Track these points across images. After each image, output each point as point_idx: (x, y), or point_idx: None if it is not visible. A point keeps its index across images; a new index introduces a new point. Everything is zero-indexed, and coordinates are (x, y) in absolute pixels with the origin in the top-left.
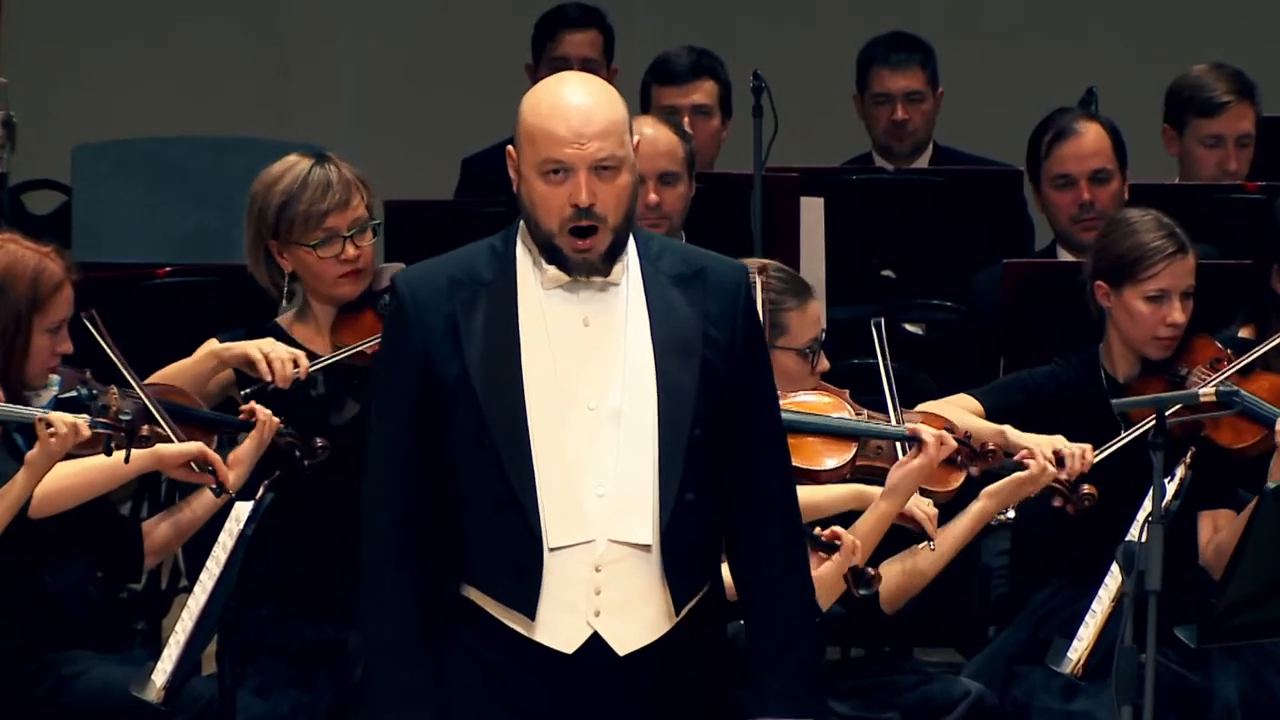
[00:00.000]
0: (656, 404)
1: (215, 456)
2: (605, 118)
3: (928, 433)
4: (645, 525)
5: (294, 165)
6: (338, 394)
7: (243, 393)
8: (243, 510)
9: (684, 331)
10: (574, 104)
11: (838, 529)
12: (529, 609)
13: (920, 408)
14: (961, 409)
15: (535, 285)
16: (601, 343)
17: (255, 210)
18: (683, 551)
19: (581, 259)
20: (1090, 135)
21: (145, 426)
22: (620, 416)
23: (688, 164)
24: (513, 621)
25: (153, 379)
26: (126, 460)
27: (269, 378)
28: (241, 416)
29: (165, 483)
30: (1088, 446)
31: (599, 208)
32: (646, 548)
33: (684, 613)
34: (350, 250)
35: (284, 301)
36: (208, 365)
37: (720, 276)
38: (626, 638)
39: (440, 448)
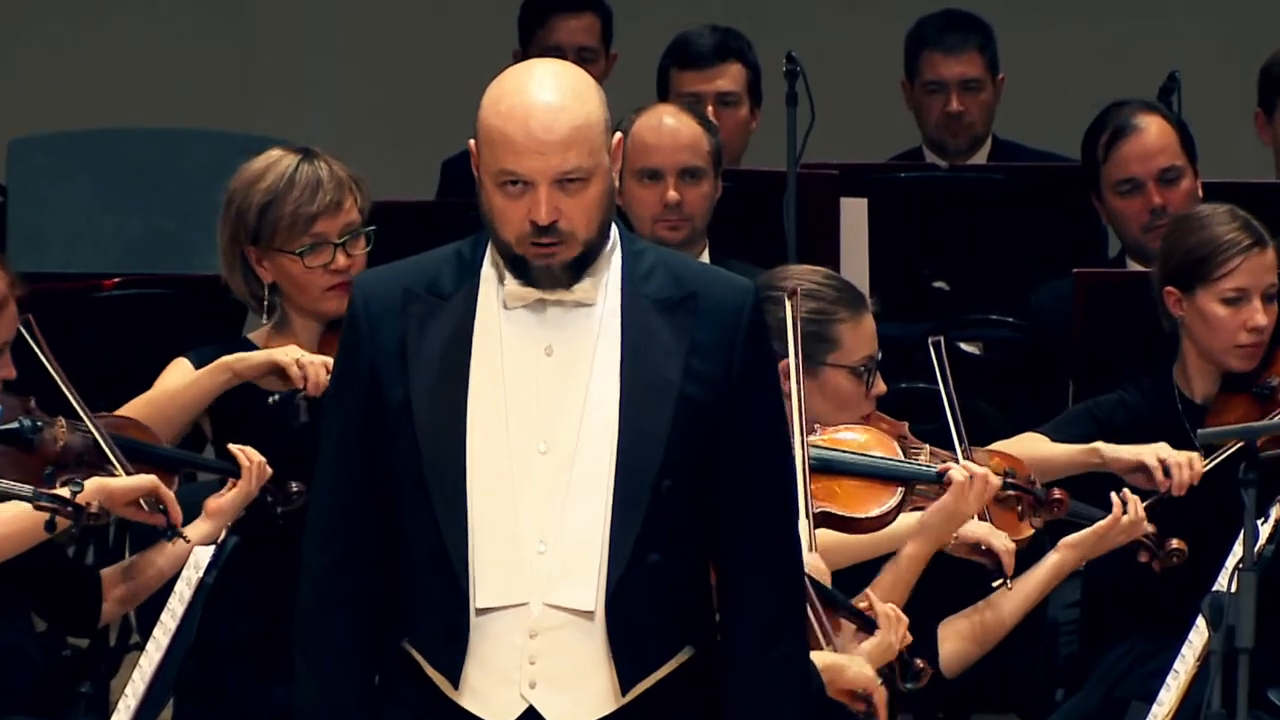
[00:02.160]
0: (615, 448)
1: (168, 492)
2: (571, 122)
3: (959, 472)
4: (588, 589)
5: (278, 161)
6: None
7: (271, 398)
8: (202, 556)
9: (660, 365)
10: (537, 104)
11: (873, 598)
12: (454, 675)
13: (992, 449)
14: (1033, 443)
15: (497, 303)
16: (563, 375)
17: (233, 211)
18: (635, 621)
19: (544, 265)
20: (1153, 130)
21: (95, 503)
22: (574, 461)
23: (713, 159)
24: (444, 686)
25: (139, 402)
26: (71, 530)
27: (302, 384)
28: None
29: (114, 523)
30: (1196, 455)
31: (563, 224)
32: (590, 615)
33: (638, 692)
34: (341, 259)
35: (264, 316)
36: (217, 380)
37: (717, 300)
38: (566, 715)
39: (388, 480)
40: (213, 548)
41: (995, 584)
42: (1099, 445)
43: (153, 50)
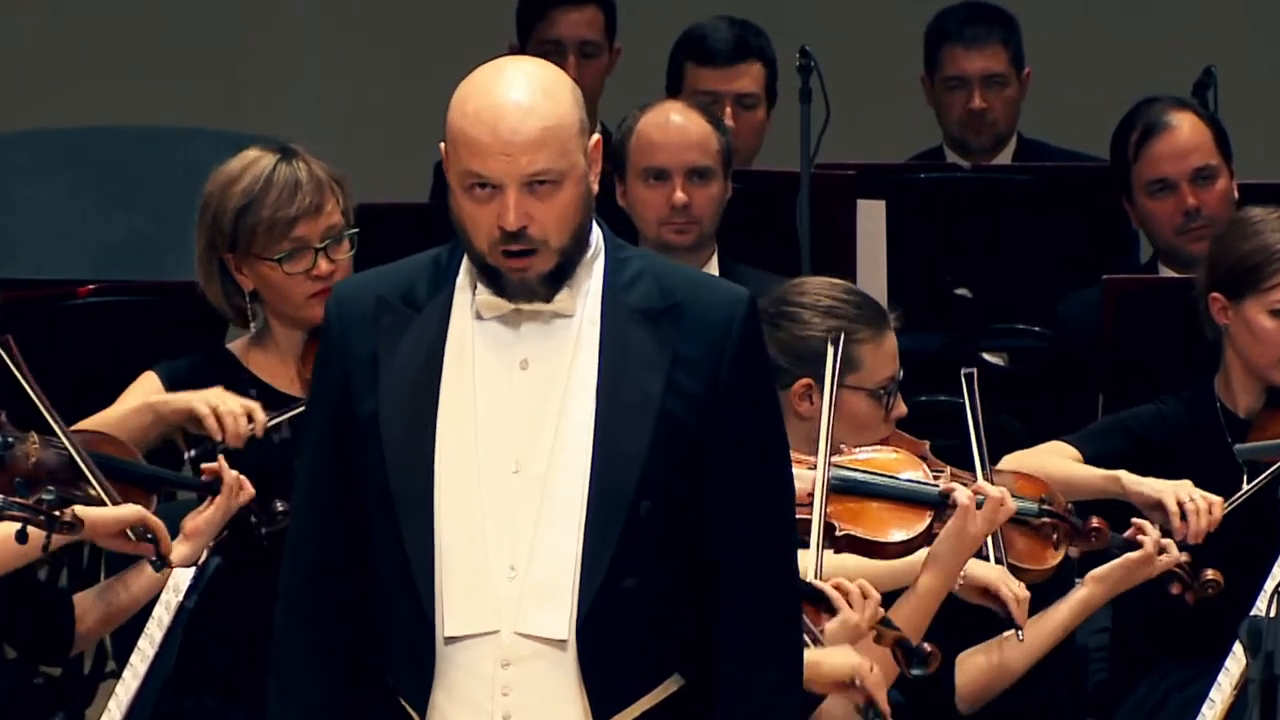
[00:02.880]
0: (590, 468)
1: (157, 522)
2: (541, 122)
3: (963, 494)
4: (560, 617)
5: (255, 162)
6: None
7: (188, 455)
8: (182, 579)
9: (640, 379)
10: (505, 103)
11: (859, 581)
12: (420, 705)
13: (1008, 461)
14: (1057, 458)
15: (471, 314)
16: (538, 390)
17: (208, 217)
18: (608, 651)
19: (519, 279)
20: (1186, 128)
21: (69, 510)
22: (547, 481)
23: (723, 158)
24: (414, 715)
25: (86, 425)
26: (46, 549)
27: (219, 435)
28: (204, 477)
29: (88, 546)
30: (1216, 500)
31: (534, 230)
32: (562, 644)
33: None
34: (323, 265)
35: (250, 325)
36: (141, 420)
37: (704, 310)
38: None
39: (362, 500)
40: (193, 570)
41: (1005, 635)
42: (1121, 475)
43: (134, 44)
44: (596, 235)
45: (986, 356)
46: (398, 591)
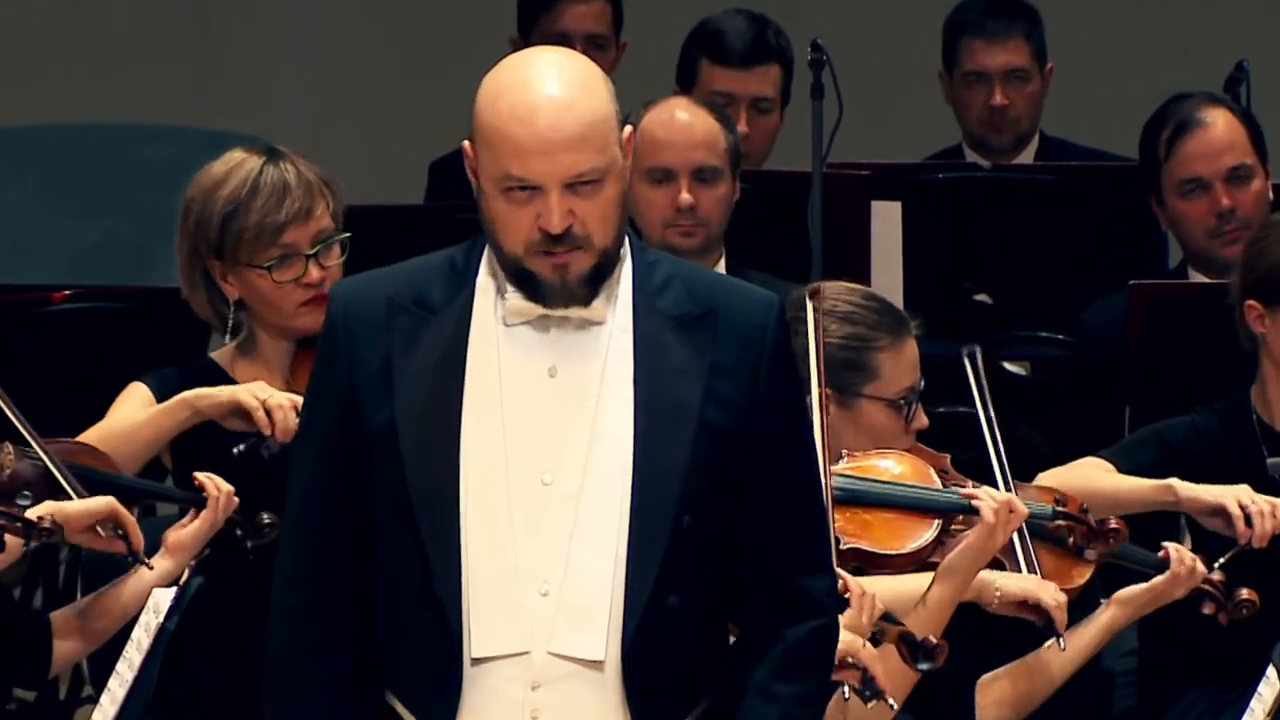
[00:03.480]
0: (631, 481)
1: (128, 516)
2: (581, 118)
3: (988, 504)
4: (598, 637)
5: (241, 164)
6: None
7: (235, 449)
8: (163, 599)
9: (678, 388)
10: (541, 99)
11: (842, 573)
12: None
13: (1045, 478)
14: (1098, 471)
15: (495, 319)
16: (569, 398)
17: (192, 222)
18: (655, 671)
19: (558, 281)
20: (1220, 125)
21: (46, 517)
22: (581, 495)
23: (731, 158)
24: None
25: (93, 436)
26: (26, 553)
27: (268, 430)
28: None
29: (65, 561)
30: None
31: (578, 228)
32: (599, 665)
33: None
34: (313, 272)
35: (227, 336)
36: (177, 418)
37: (739, 317)
38: None
39: (369, 512)
40: (174, 589)
41: (1047, 644)
42: (1174, 483)
43: (104, 36)
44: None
45: (1007, 366)
46: (420, 610)
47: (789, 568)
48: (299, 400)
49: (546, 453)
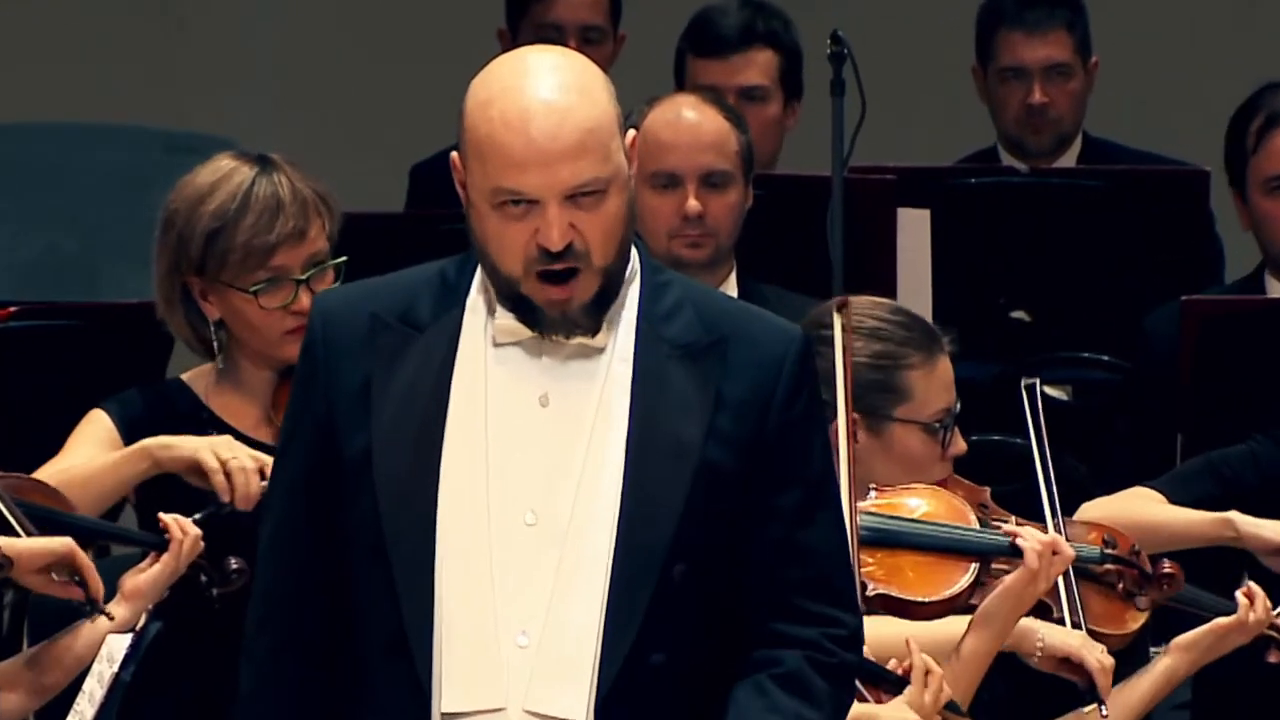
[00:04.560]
0: (616, 524)
1: (85, 560)
2: (580, 125)
3: (1030, 546)
4: (579, 695)
5: (230, 175)
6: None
7: (194, 518)
8: (117, 647)
9: (678, 424)
10: (536, 105)
11: (911, 647)
12: None
13: (1088, 509)
14: (1148, 503)
15: (484, 338)
16: (560, 430)
17: (173, 237)
18: None
19: (559, 312)
20: None
21: (10, 563)
22: (567, 538)
23: (742, 161)
24: None
25: (48, 475)
26: None
27: (226, 496)
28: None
29: (8, 608)
30: None
31: (579, 244)
32: None
33: None
34: (304, 299)
35: (217, 358)
36: (137, 468)
37: (752, 347)
38: None
39: (343, 546)
40: (130, 635)
41: (1087, 709)
42: (1233, 516)
43: (55, 28)
44: (633, 254)
45: (1047, 390)
46: (389, 659)
47: (801, 628)
48: (268, 462)
49: (532, 490)
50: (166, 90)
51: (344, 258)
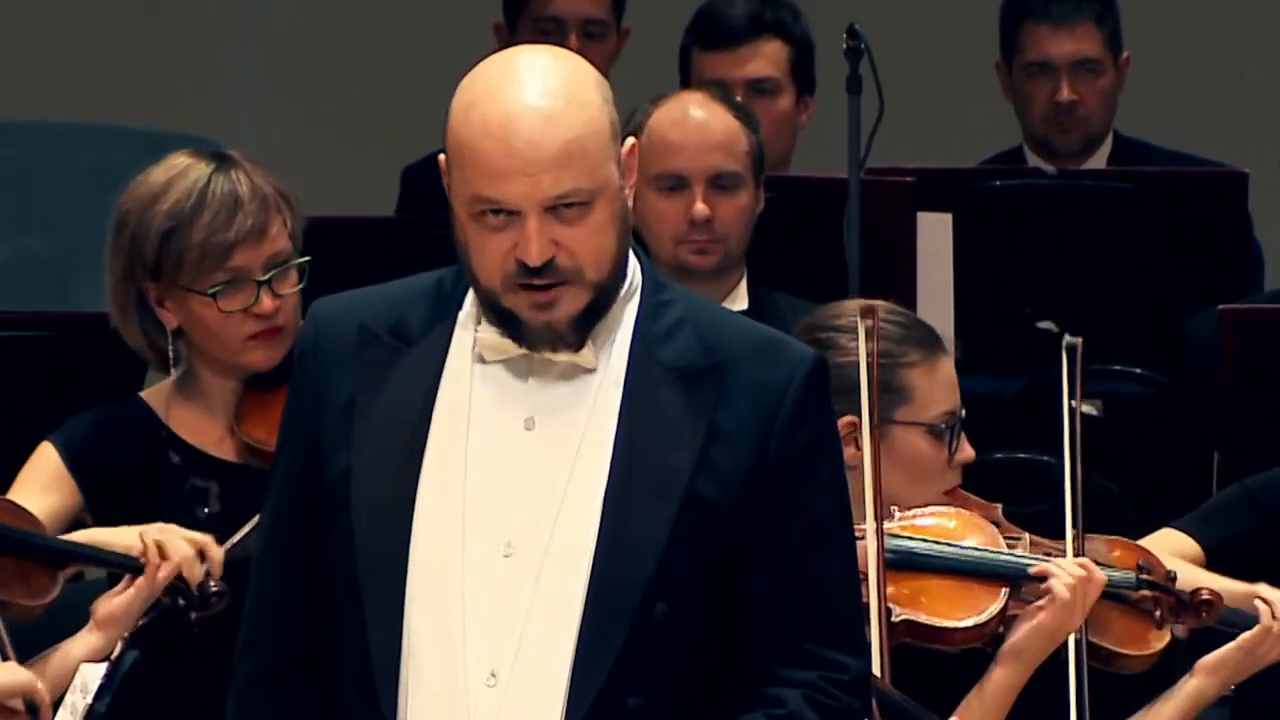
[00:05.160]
0: (591, 559)
1: (44, 696)
2: (565, 134)
3: (1063, 574)
4: None
5: (183, 173)
6: (242, 514)
7: (140, 621)
8: (91, 677)
9: (666, 452)
10: (519, 111)
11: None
12: None
13: (1114, 537)
14: (1169, 558)
15: (471, 355)
16: (544, 457)
17: (126, 238)
18: None
19: (542, 323)
20: None
21: None
22: (543, 572)
23: (753, 162)
24: None
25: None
26: None
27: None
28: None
29: None
30: None
31: (563, 260)
32: None
33: None
34: (266, 301)
35: (172, 370)
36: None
37: (754, 372)
38: None
39: (327, 570)
40: (104, 665)
41: None
42: (1262, 589)
43: (28, 24)
44: (634, 269)
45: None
46: (356, 693)
47: (797, 650)
48: (205, 541)
49: (510, 519)
50: (146, 88)
51: (307, 258)
